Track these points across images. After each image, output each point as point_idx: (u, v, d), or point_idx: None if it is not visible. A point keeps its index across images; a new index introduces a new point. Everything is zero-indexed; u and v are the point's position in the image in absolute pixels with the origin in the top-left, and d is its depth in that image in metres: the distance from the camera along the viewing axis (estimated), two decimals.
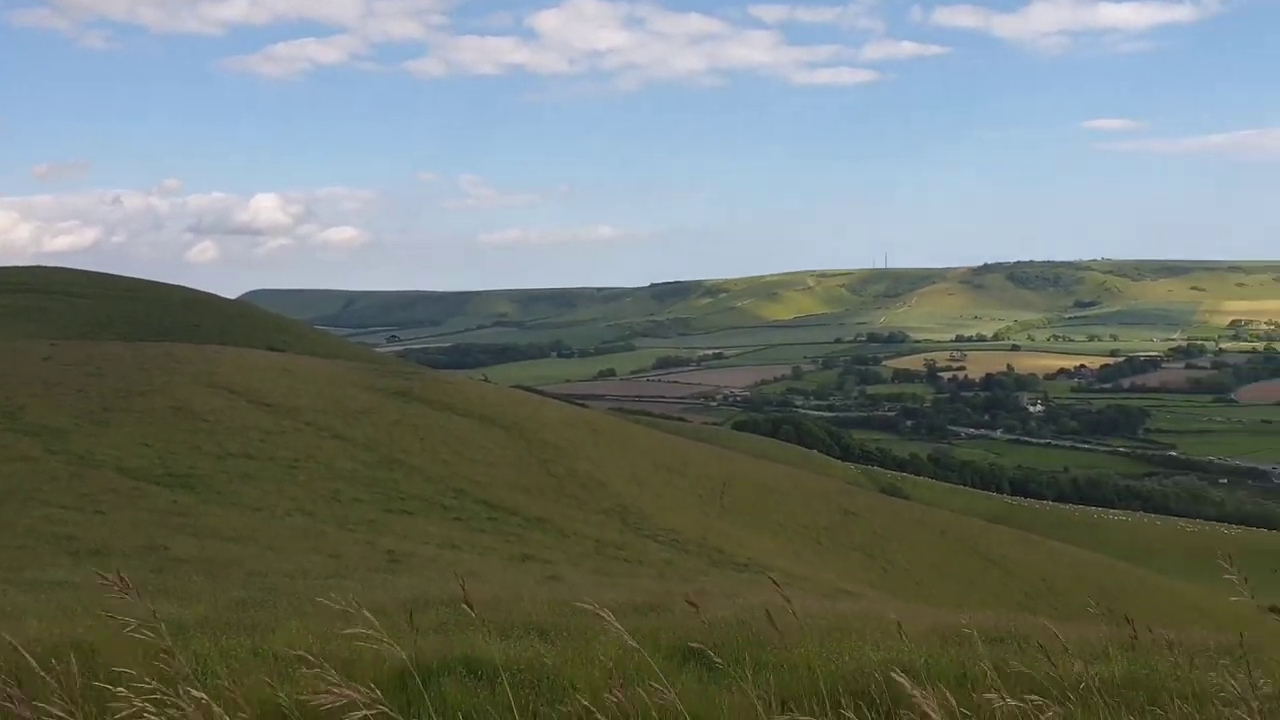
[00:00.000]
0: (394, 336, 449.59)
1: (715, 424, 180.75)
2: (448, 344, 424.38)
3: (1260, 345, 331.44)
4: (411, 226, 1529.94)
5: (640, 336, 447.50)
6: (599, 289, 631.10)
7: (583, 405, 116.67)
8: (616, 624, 4.51)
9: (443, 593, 14.19)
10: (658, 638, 9.76)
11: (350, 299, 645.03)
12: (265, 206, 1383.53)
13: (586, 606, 4.89)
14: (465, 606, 4.97)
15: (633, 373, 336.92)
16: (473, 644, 9.16)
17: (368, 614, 4.47)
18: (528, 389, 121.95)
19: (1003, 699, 4.59)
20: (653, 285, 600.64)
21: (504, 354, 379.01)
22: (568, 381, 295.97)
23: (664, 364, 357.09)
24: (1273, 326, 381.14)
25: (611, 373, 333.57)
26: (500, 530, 30.40)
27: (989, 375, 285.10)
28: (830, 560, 46.32)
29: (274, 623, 10.16)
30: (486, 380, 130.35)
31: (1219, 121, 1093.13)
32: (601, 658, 8.12)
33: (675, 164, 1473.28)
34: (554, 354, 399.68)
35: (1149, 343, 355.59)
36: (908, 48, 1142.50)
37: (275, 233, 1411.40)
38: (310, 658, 4.58)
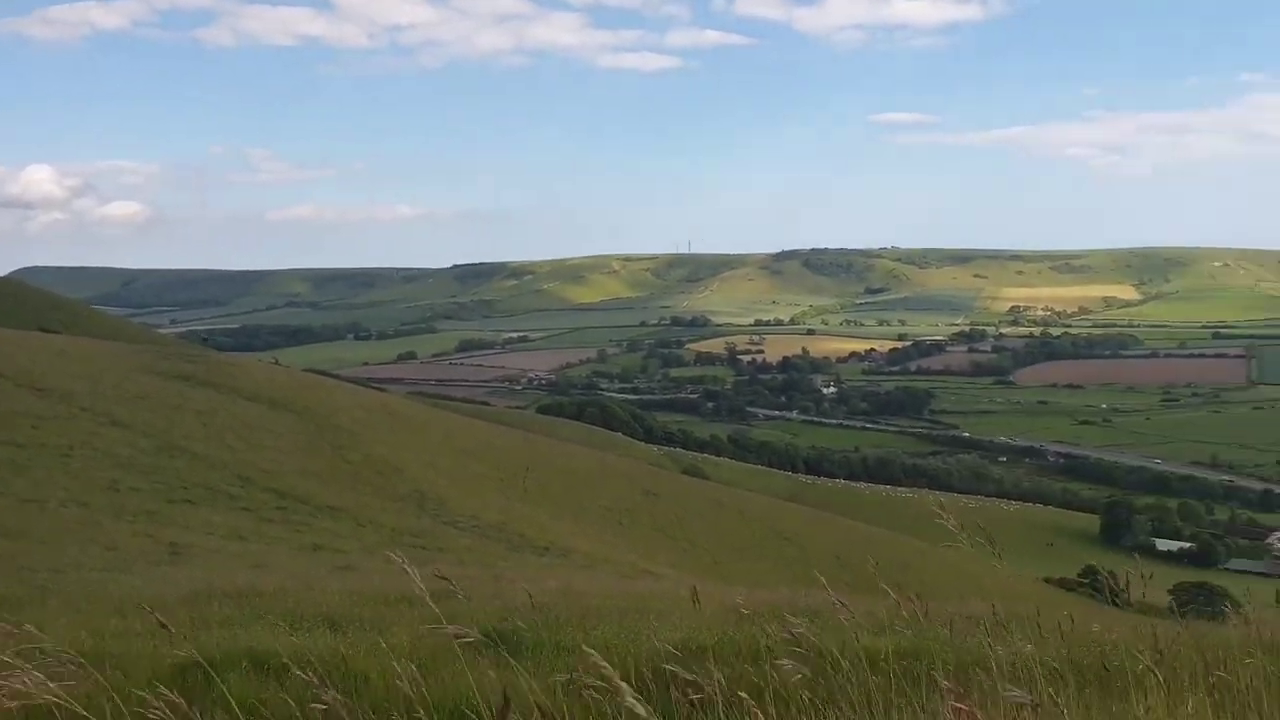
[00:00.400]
0: (175, 320, 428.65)
1: (519, 408, 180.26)
2: (234, 325, 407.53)
3: (1037, 330, 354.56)
4: (198, 202, 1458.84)
5: (442, 319, 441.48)
6: (399, 269, 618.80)
7: (380, 389, 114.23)
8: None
9: (228, 585, 13.56)
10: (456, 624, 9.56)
11: (130, 277, 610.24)
12: (38, 179, 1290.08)
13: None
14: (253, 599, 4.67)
15: (434, 356, 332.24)
16: (260, 637, 8.75)
17: (147, 608, 4.14)
18: (322, 373, 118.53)
19: (798, 670, 4.63)
20: (455, 266, 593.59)
21: (296, 336, 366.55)
22: (365, 364, 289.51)
23: (467, 347, 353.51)
24: (1048, 312, 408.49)
25: (412, 355, 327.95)
26: (290, 519, 29.35)
27: (786, 358, 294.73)
28: (632, 541, 46.81)
29: (42, 620, 9.44)
30: (277, 363, 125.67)
31: (1002, 117, 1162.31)
32: (397, 646, 7.93)
33: (479, 144, 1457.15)
34: (351, 336, 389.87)
35: (935, 327, 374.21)
36: (711, 36, 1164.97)
37: (49, 207, 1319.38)
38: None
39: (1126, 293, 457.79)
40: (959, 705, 3.33)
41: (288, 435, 43.23)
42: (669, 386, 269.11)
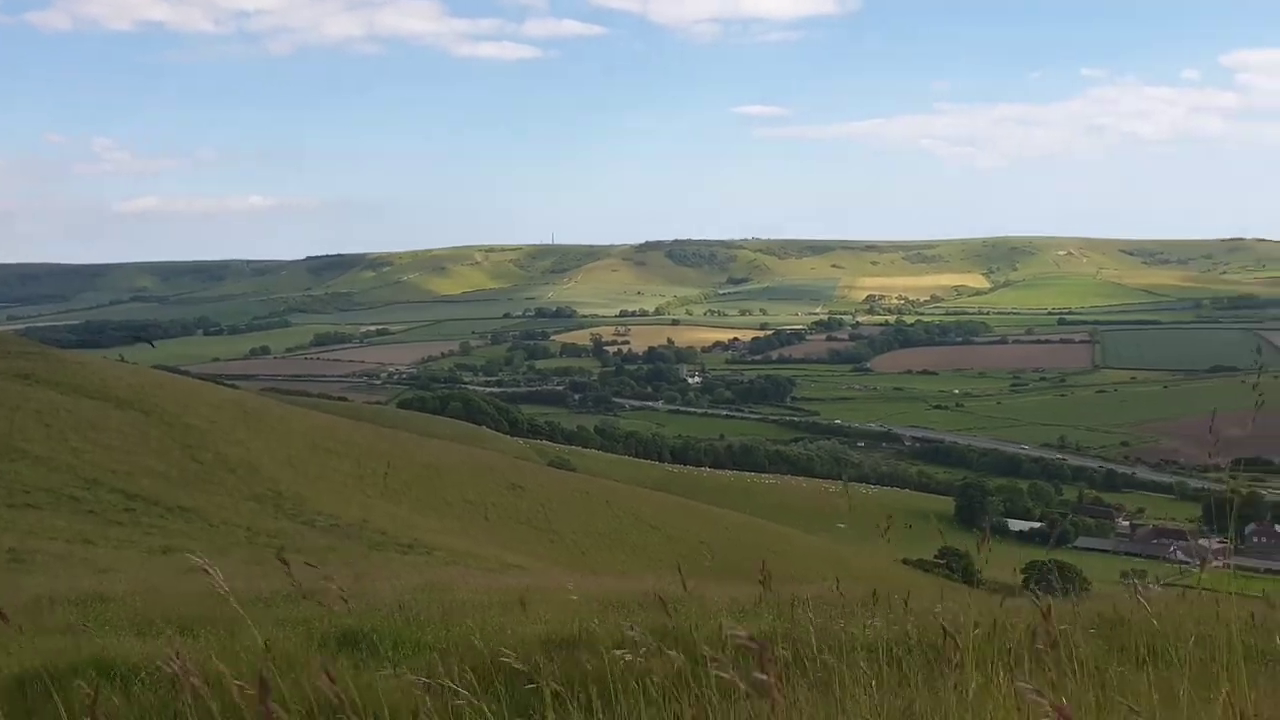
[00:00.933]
0: (13, 317, 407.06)
1: (379, 403, 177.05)
2: (77, 321, 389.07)
3: (891, 319, 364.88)
4: (37, 193, 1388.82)
5: (297, 312, 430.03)
6: (251, 262, 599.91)
7: (232, 386, 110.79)
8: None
9: (73, 591, 12.99)
10: (311, 626, 9.34)
11: None
12: None
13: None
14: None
15: (289, 350, 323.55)
16: (105, 644, 8.41)
17: None
18: (170, 369, 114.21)
19: (667, 658, 4.63)
20: (311, 258, 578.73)
21: (144, 331, 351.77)
22: (216, 360, 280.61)
23: (323, 341, 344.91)
24: (902, 301, 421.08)
25: (265, 351, 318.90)
26: (139, 522, 28.23)
27: (652, 349, 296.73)
28: (498, 535, 46.53)
29: None
30: (123, 360, 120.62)
31: (857, 110, 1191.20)
32: (250, 648, 7.71)
33: (335, 133, 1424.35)
34: (200, 331, 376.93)
35: (795, 317, 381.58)
36: (570, 26, 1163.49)
37: None
38: None
39: (977, 281, 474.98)
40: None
41: (135, 435, 41.54)
42: (534, 379, 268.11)
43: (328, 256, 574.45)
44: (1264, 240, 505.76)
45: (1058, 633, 5.59)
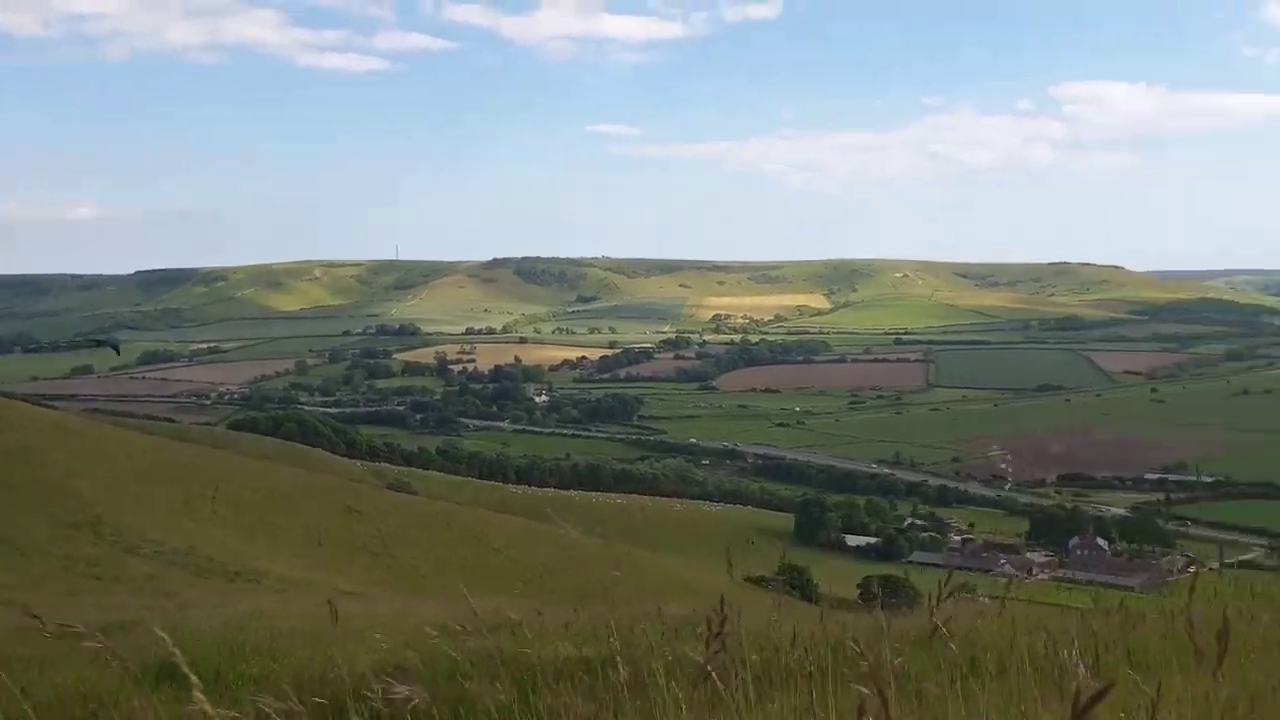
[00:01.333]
0: None
1: (208, 424, 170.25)
2: None
3: (737, 338, 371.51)
4: None
5: (124, 329, 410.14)
6: (76, 276, 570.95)
7: (51, 406, 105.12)
8: None
9: None
10: (127, 660, 8.81)
11: None
12: None
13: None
14: None
15: (114, 369, 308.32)
16: None
17: None
18: None
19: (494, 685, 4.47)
20: (140, 273, 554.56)
21: None
22: (35, 379, 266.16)
23: (151, 359, 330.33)
24: (747, 320, 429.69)
25: (88, 370, 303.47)
26: None
27: (498, 367, 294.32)
28: (333, 561, 45.25)
29: None
30: None
31: (707, 132, 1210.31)
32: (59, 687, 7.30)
33: (169, 143, 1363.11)
34: (18, 349, 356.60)
35: (643, 335, 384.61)
36: (419, 40, 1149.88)
37: None
38: None
39: (818, 302, 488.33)
40: None
41: None
42: (374, 398, 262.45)
43: (159, 271, 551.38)
44: (1088, 264, 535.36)
45: (886, 646, 5.65)
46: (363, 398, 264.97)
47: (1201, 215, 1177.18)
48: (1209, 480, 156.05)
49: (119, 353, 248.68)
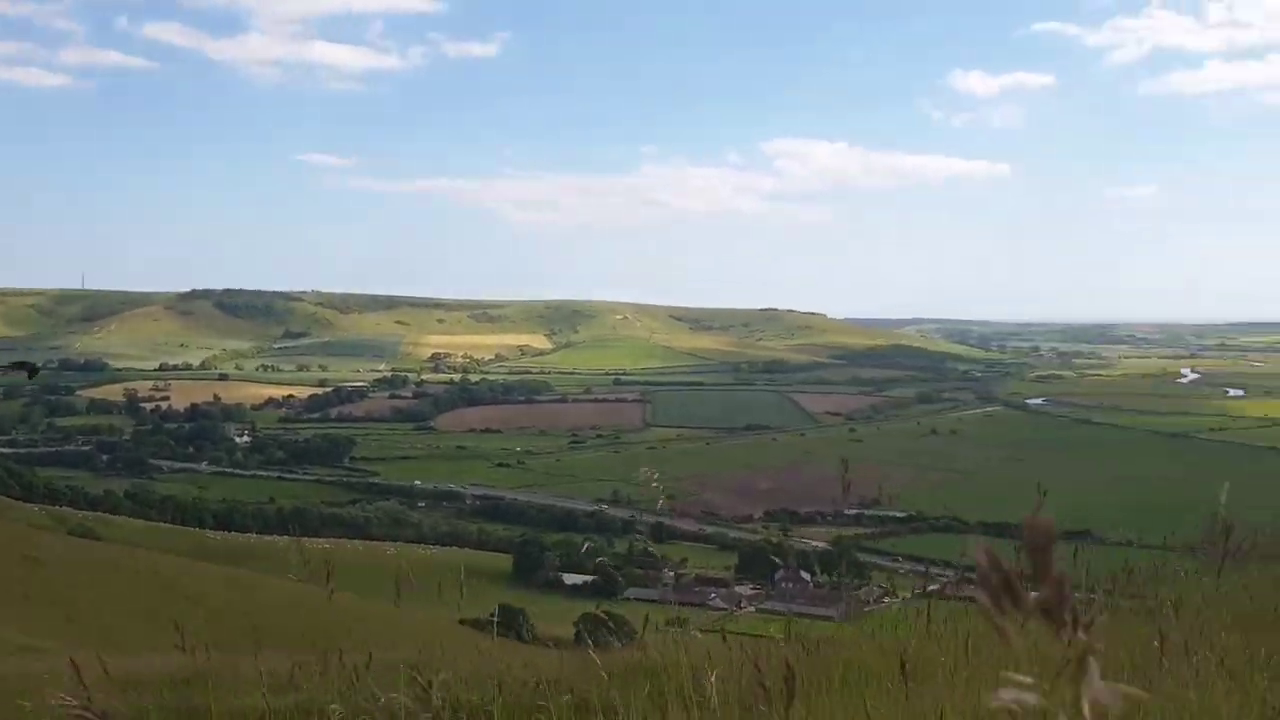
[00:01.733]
0: None
1: None
2: None
3: (456, 377, 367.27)
4: None
5: None
6: None
7: None
8: None
9: None
10: None
11: None
12: None
13: None
14: None
15: None
16: None
17: None
18: None
19: None
20: None
21: None
22: None
23: None
24: (467, 359, 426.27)
25: None
26: None
27: (195, 405, 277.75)
28: (9, 614, 41.07)
29: None
30: None
31: (428, 167, 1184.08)
32: None
33: None
34: None
35: (357, 373, 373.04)
36: (112, 57, 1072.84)
37: None
38: None
39: (540, 342, 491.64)
40: None
41: None
42: (56, 438, 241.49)
43: None
44: (793, 311, 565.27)
45: (605, 683, 5.52)
46: (42, 437, 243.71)
47: (894, 267, 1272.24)
48: (900, 515, 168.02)
49: None
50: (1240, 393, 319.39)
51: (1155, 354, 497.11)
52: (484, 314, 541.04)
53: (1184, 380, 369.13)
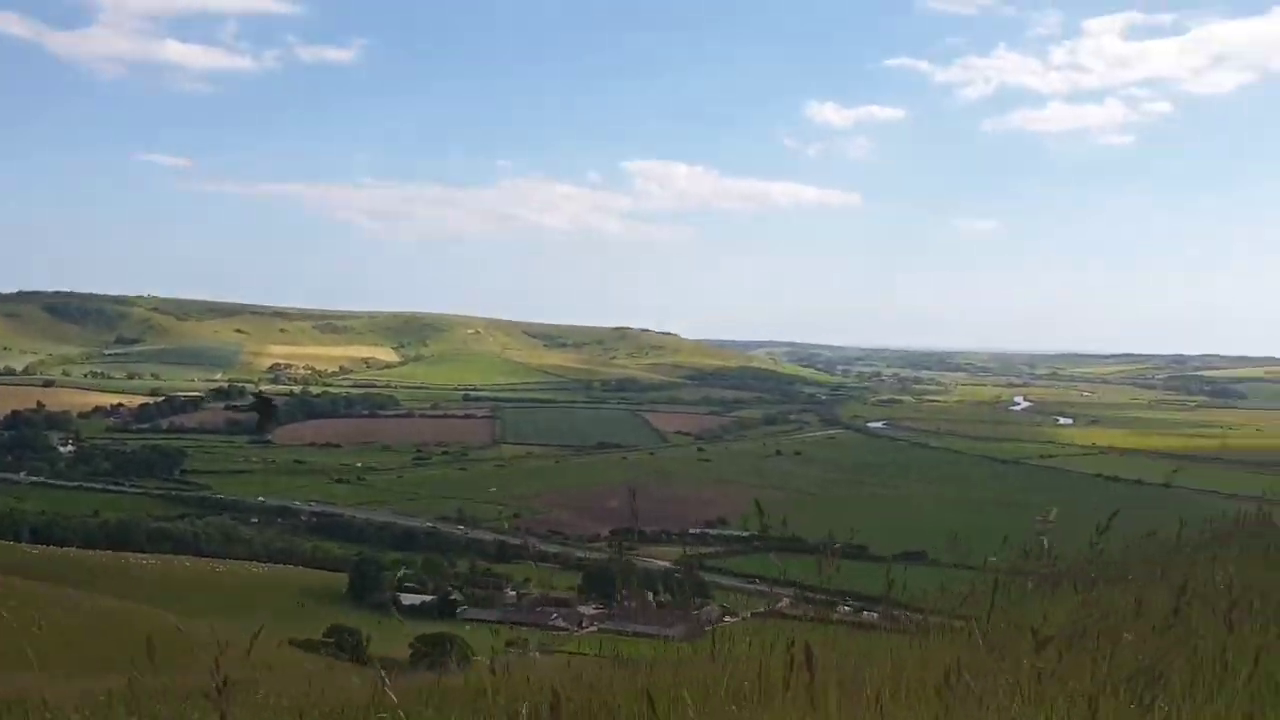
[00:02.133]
0: None
1: None
2: None
3: (297, 388, 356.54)
4: None
5: None
6: None
7: None
8: None
9: None
10: None
11: None
12: None
13: None
14: None
15: None
16: None
17: None
18: None
19: None
20: None
21: None
22: None
23: None
24: (310, 371, 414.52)
25: None
26: None
27: (16, 412, 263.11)
28: None
29: None
30: None
31: (274, 172, 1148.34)
32: None
33: None
34: None
35: (191, 382, 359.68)
36: None
37: None
38: None
39: (387, 355, 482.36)
40: None
41: None
42: None
43: None
44: (646, 330, 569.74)
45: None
46: None
47: (747, 290, 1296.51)
48: (744, 534, 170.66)
49: None
50: (1069, 421, 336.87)
51: (991, 382, 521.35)
52: (329, 325, 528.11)
53: (1016, 408, 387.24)
